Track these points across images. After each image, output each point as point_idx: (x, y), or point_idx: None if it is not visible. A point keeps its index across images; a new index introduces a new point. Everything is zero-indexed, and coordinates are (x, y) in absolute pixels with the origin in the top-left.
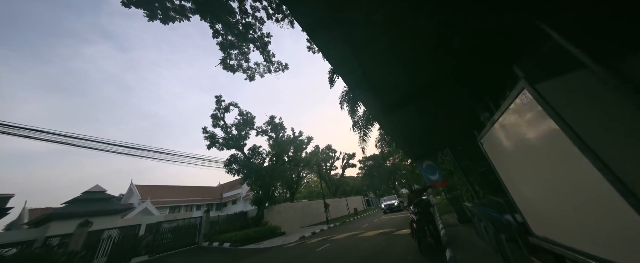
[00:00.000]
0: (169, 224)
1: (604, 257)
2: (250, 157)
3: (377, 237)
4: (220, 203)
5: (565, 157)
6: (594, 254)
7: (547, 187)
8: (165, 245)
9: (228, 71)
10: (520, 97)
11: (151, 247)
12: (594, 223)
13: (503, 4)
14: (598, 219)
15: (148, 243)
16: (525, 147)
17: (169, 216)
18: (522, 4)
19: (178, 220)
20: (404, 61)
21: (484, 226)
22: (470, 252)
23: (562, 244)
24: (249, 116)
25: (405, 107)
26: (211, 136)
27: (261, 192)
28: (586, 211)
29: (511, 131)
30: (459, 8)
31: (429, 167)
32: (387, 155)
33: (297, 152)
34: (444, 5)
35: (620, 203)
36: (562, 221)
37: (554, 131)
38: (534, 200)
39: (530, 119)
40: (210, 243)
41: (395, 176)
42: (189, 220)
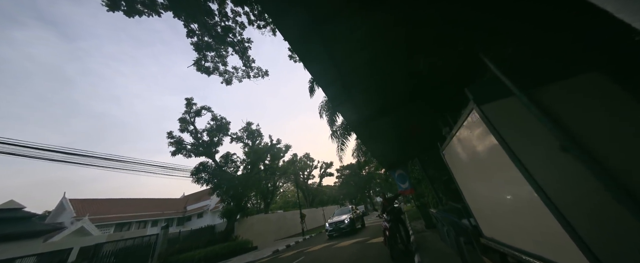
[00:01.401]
0: (113, 245)
1: (532, 252)
2: (223, 165)
3: (351, 247)
4: (183, 217)
5: (503, 168)
6: (526, 250)
7: (491, 193)
8: None
9: (202, 73)
10: (470, 116)
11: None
12: (524, 224)
13: (457, 38)
14: (527, 221)
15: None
16: (475, 158)
17: (113, 236)
18: (471, 39)
19: (126, 240)
20: (380, 76)
21: (446, 230)
22: (435, 256)
23: (504, 243)
24: (224, 121)
25: (380, 119)
26: (177, 141)
27: (233, 203)
28: (518, 214)
29: (465, 144)
30: (423, 34)
31: (400, 176)
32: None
33: (275, 160)
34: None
35: (541, 208)
36: (503, 223)
37: (495, 145)
38: (483, 205)
39: (478, 134)
40: (335, 217)
41: (371, 185)
42: (141, 238)
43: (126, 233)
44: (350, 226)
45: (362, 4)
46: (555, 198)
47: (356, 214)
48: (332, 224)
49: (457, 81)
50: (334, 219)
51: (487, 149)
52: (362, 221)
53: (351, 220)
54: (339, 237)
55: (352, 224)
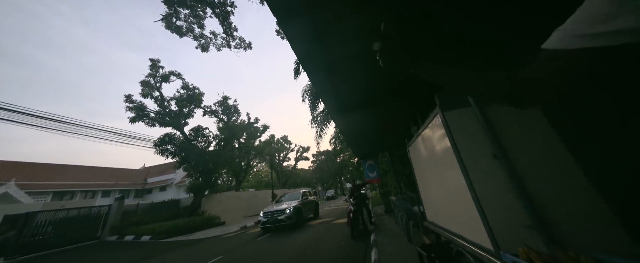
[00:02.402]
0: (51, 215)
1: (459, 233)
2: (192, 139)
3: (318, 226)
4: (143, 190)
5: (449, 166)
6: (454, 231)
7: (437, 186)
8: (41, 243)
9: (173, 33)
10: (435, 119)
11: (14, 246)
12: (455, 212)
13: None
14: (458, 209)
15: (6, 240)
16: (432, 156)
17: (50, 205)
18: None
19: (69, 210)
20: (366, 69)
21: (400, 215)
22: (388, 235)
23: (440, 226)
24: (196, 92)
25: (360, 111)
26: (138, 107)
27: (201, 179)
28: (453, 204)
29: (426, 143)
30: None
31: (370, 166)
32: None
33: (250, 139)
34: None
35: (469, 201)
36: (441, 211)
37: (448, 147)
38: (430, 195)
39: (438, 136)
40: (121, 236)
41: (343, 172)
42: (89, 209)
43: (69, 202)
44: (293, 219)
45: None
46: (479, 193)
47: (308, 200)
48: (267, 214)
49: (431, 86)
50: (273, 207)
51: (442, 149)
52: (316, 210)
53: (296, 210)
54: (277, 233)
55: (297, 215)
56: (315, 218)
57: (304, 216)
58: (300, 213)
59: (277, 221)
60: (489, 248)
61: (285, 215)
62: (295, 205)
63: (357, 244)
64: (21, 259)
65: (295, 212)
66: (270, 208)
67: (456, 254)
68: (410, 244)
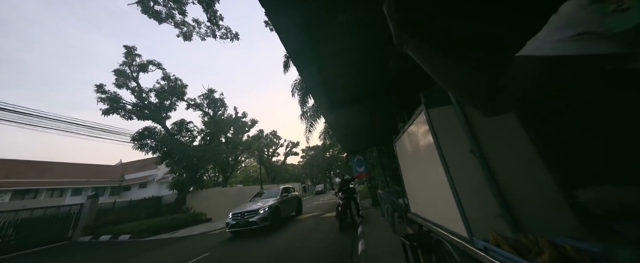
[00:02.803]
0: (10, 216)
1: (438, 223)
2: (175, 133)
3: (307, 220)
4: (120, 187)
5: (432, 161)
6: (434, 221)
7: (421, 179)
8: (1, 245)
9: (150, 18)
10: (420, 116)
11: None
12: (436, 203)
13: None
14: (438, 201)
15: None
16: (416, 151)
17: (9, 205)
18: None
19: (33, 210)
20: (356, 66)
21: (386, 208)
22: (374, 227)
23: (422, 216)
24: (179, 83)
25: (349, 107)
26: (112, 98)
27: (186, 174)
28: (434, 196)
29: (412, 139)
30: None
31: (358, 161)
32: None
33: (238, 134)
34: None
35: (448, 193)
36: (423, 202)
37: (431, 143)
38: (414, 188)
39: (422, 132)
40: (96, 236)
41: (332, 167)
42: (57, 209)
43: (31, 202)
44: (267, 220)
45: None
46: (457, 185)
47: (288, 198)
48: (237, 215)
49: (418, 84)
50: (245, 207)
51: (425, 145)
52: (299, 207)
53: (272, 210)
54: (249, 237)
55: (273, 215)
56: (298, 215)
57: (283, 215)
58: (278, 213)
59: (248, 223)
60: (464, 236)
61: (259, 215)
62: (271, 203)
63: (345, 236)
64: None
65: (271, 212)
66: (241, 208)
67: (435, 242)
68: (395, 235)
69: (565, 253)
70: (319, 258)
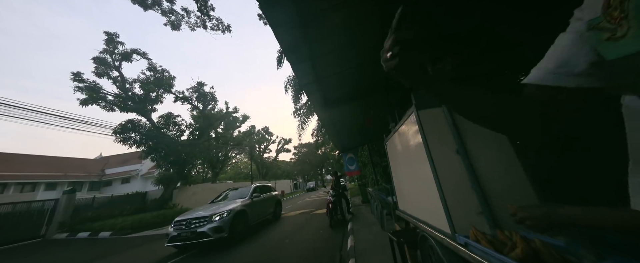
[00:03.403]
0: None
1: (424, 219)
2: (162, 127)
3: (298, 217)
4: (99, 182)
5: (420, 160)
6: (420, 218)
7: (409, 178)
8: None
9: (135, 4)
10: (410, 116)
11: None
12: (422, 200)
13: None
14: (424, 198)
15: None
16: (405, 151)
17: None
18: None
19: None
20: (351, 64)
21: (376, 205)
22: (364, 224)
23: (409, 213)
24: (166, 75)
25: (342, 105)
26: (91, 87)
27: (173, 170)
28: (420, 194)
29: (402, 138)
30: None
31: (350, 159)
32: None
33: (229, 129)
34: (385, 31)
35: (434, 190)
36: (411, 200)
37: (420, 143)
38: (402, 186)
39: (412, 132)
40: (73, 233)
41: (324, 164)
42: (28, 204)
43: None
44: (223, 230)
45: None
46: (444, 184)
47: (261, 199)
48: (180, 223)
49: None
50: (195, 212)
51: (415, 145)
52: (277, 209)
53: (232, 217)
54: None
55: (232, 223)
56: (276, 220)
57: (253, 221)
58: (242, 219)
59: (194, 235)
60: (447, 232)
61: (211, 224)
62: (233, 207)
63: (335, 232)
64: None
65: (230, 219)
66: (189, 214)
67: (421, 238)
68: (383, 231)
69: (535, 247)
70: (310, 251)
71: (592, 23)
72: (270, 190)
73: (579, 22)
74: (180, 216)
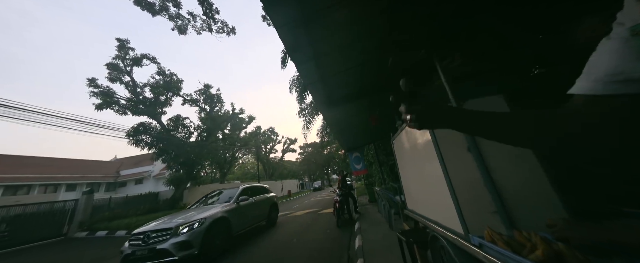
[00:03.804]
0: (3, 211)
1: (434, 219)
2: (171, 129)
3: (305, 216)
4: (115, 183)
5: (429, 158)
6: (430, 218)
7: (418, 176)
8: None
9: (144, 10)
10: None
11: None
12: (432, 199)
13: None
14: (434, 197)
15: None
16: (414, 149)
17: (2, 201)
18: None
19: (26, 206)
20: (355, 62)
21: (383, 204)
22: (371, 223)
23: (418, 213)
24: (174, 78)
25: (347, 104)
26: (105, 92)
27: (182, 171)
28: (430, 192)
29: (409, 136)
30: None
31: (356, 158)
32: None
33: (235, 130)
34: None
35: (444, 189)
36: (420, 199)
37: (428, 141)
38: (411, 185)
39: (420, 131)
40: (92, 232)
41: (330, 164)
42: (51, 204)
43: (25, 197)
44: (192, 247)
45: None
46: (454, 183)
47: (250, 203)
48: (136, 238)
49: None
50: (159, 223)
51: (423, 142)
52: (271, 214)
53: (206, 228)
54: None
55: (207, 237)
56: (272, 226)
57: (237, 231)
58: (222, 229)
59: (153, 254)
60: (459, 232)
61: (176, 240)
62: (209, 214)
63: (342, 232)
64: None
65: (203, 232)
66: (151, 225)
67: (431, 238)
68: (391, 231)
69: (558, 250)
70: (318, 251)
71: (635, 29)
72: (264, 191)
73: (621, 27)
74: (141, 228)
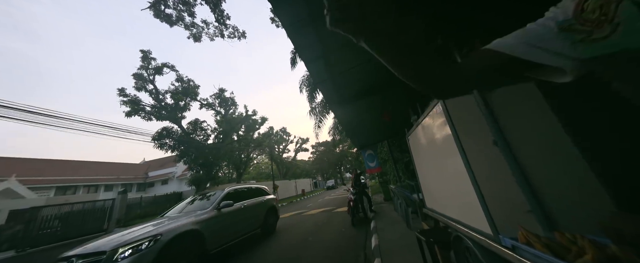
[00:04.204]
0: (55, 209)
1: (457, 218)
2: (191, 132)
3: (319, 215)
4: (144, 183)
5: (450, 154)
6: (453, 217)
7: (437, 174)
8: (49, 236)
9: (163, 22)
10: (435, 107)
11: (22, 239)
12: (454, 198)
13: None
14: (458, 196)
15: (14, 235)
16: (432, 144)
17: (54, 200)
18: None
19: (73, 204)
20: (365, 58)
21: (399, 203)
22: (388, 222)
23: (439, 212)
24: (191, 84)
25: (358, 101)
26: (133, 101)
27: (202, 171)
28: (452, 190)
29: (426, 131)
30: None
31: (369, 155)
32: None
33: (249, 132)
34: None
35: (469, 188)
36: (440, 197)
37: (448, 135)
38: (430, 183)
39: (438, 124)
40: (127, 229)
41: (343, 162)
42: (93, 203)
43: (72, 197)
44: (333, 186)
45: None
46: (479, 179)
47: (230, 210)
48: (329, 184)
49: None
50: (99, 243)
51: (442, 137)
52: (269, 220)
53: (157, 247)
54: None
55: (334, 185)
56: (271, 233)
57: (214, 246)
58: (188, 247)
59: (330, 187)
60: (487, 233)
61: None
62: (167, 229)
63: (358, 231)
64: (31, 251)
65: (154, 254)
66: (80, 249)
67: (454, 238)
68: (409, 230)
69: (611, 254)
70: (334, 250)
71: (563, 24)
72: (259, 193)
73: (550, 20)
74: (71, 251)
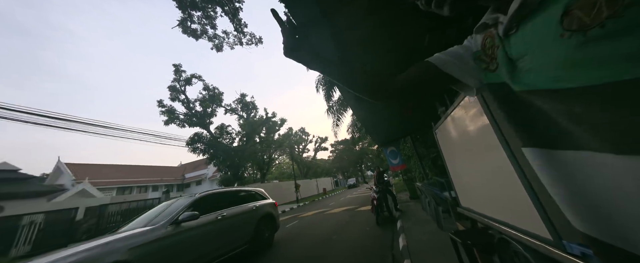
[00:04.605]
0: (117, 207)
1: (503, 220)
2: (218, 136)
3: (342, 213)
4: (182, 184)
5: (489, 147)
6: (497, 218)
7: (474, 169)
8: (113, 229)
9: (189, 37)
10: (467, 97)
11: (94, 232)
12: (497, 196)
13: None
14: (502, 194)
15: (90, 228)
16: (465, 137)
17: (116, 198)
18: None
19: (129, 202)
20: (381, 51)
21: (428, 201)
22: (415, 222)
23: (477, 212)
24: (216, 91)
25: None
26: (169, 110)
27: (230, 173)
28: (495, 188)
29: (457, 123)
30: None
31: (392, 152)
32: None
33: (270, 133)
34: None
35: (518, 185)
36: (479, 196)
37: (486, 126)
38: (464, 180)
39: (472, 115)
40: None
41: (363, 160)
42: (144, 201)
43: (128, 196)
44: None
45: None
46: (530, 176)
47: (207, 221)
48: (350, 182)
49: None
50: (350, 182)
51: (477, 130)
52: (263, 230)
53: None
54: (351, 188)
55: (355, 183)
56: (266, 249)
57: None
58: (355, 183)
59: (351, 185)
60: (546, 238)
61: (353, 184)
62: (354, 180)
63: (383, 231)
64: None
65: (354, 182)
66: (350, 181)
67: (499, 242)
68: (440, 231)
69: None
70: (359, 249)
71: (475, 54)
72: (250, 199)
73: (469, 49)
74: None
